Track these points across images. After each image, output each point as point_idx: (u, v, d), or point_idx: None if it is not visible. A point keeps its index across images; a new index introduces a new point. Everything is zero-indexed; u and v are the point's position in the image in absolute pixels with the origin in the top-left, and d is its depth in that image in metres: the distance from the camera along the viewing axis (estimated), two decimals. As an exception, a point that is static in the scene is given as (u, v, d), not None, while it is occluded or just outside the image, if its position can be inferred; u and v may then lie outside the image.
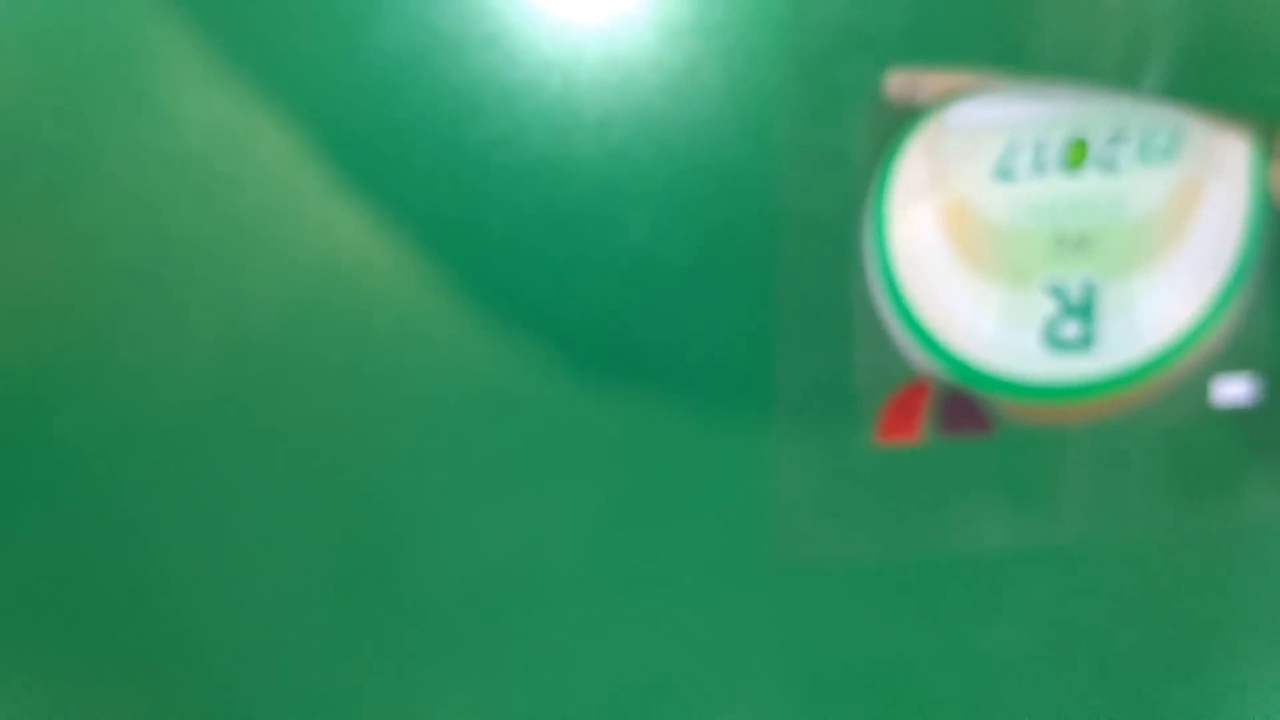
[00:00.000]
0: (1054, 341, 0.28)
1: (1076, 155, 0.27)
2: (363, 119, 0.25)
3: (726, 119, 0.25)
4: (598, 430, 0.27)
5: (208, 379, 0.26)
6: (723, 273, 0.27)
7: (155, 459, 0.27)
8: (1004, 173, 0.27)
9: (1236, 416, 0.28)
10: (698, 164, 0.26)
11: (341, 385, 0.26)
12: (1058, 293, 0.27)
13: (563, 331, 0.27)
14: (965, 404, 0.28)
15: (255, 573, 0.27)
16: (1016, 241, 0.27)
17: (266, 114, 0.25)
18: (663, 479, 0.28)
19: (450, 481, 0.27)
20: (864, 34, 0.25)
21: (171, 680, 0.28)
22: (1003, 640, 0.29)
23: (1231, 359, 0.28)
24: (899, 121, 0.26)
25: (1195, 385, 0.28)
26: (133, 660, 0.28)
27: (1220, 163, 0.27)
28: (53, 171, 0.26)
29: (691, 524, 0.28)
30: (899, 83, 0.26)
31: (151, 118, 0.25)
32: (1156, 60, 0.25)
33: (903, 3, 0.25)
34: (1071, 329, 0.28)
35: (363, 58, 0.24)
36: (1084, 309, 0.28)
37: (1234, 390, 0.28)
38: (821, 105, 0.26)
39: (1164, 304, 0.28)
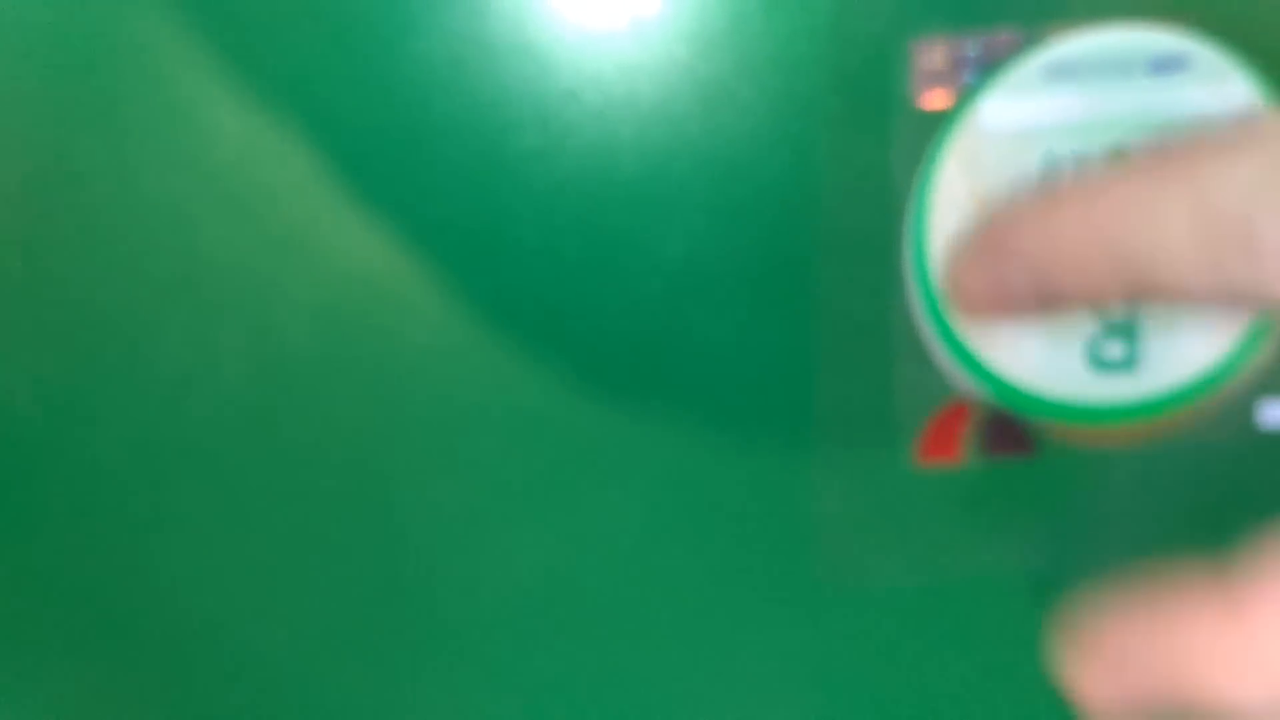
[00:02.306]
0: (1097, 362, 0.27)
1: (1118, 172, 0.26)
2: (396, 131, 0.25)
3: (764, 132, 0.25)
4: (634, 449, 0.27)
5: (239, 390, 0.26)
6: (761, 289, 0.27)
7: (186, 469, 0.27)
8: (1045, 185, 0.26)
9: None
10: (735, 178, 0.26)
11: (374, 398, 0.26)
12: (1101, 313, 0.27)
13: (597, 347, 0.26)
14: (1007, 425, 0.27)
15: (284, 587, 0.27)
16: (1058, 260, 0.27)
17: (299, 127, 0.25)
18: (701, 498, 0.27)
19: (484, 499, 0.27)
20: (906, 45, 0.25)
21: (198, 691, 0.28)
22: (1046, 663, 0.28)
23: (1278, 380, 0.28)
24: (932, 128, 0.26)
25: (1242, 408, 0.28)
26: (156, 670, 0.28)
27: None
28: (85, 185, 0.26)
29: (730, 545, 0.28)
30: (934, 57, 0.25)
31: (184, 131, 0.25)
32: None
33: (947, 13, 0.25)
34: (1115, 349, 0.27)
35: (396, 69, 0.24)
36: (1127, 329, 0.27)
37: (1282, 411, 0.28)
38: (861, 118, 0.26)
39: (1209, 324, 0.27)
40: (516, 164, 0.25)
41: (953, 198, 0.27)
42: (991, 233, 0.23)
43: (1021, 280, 0.22)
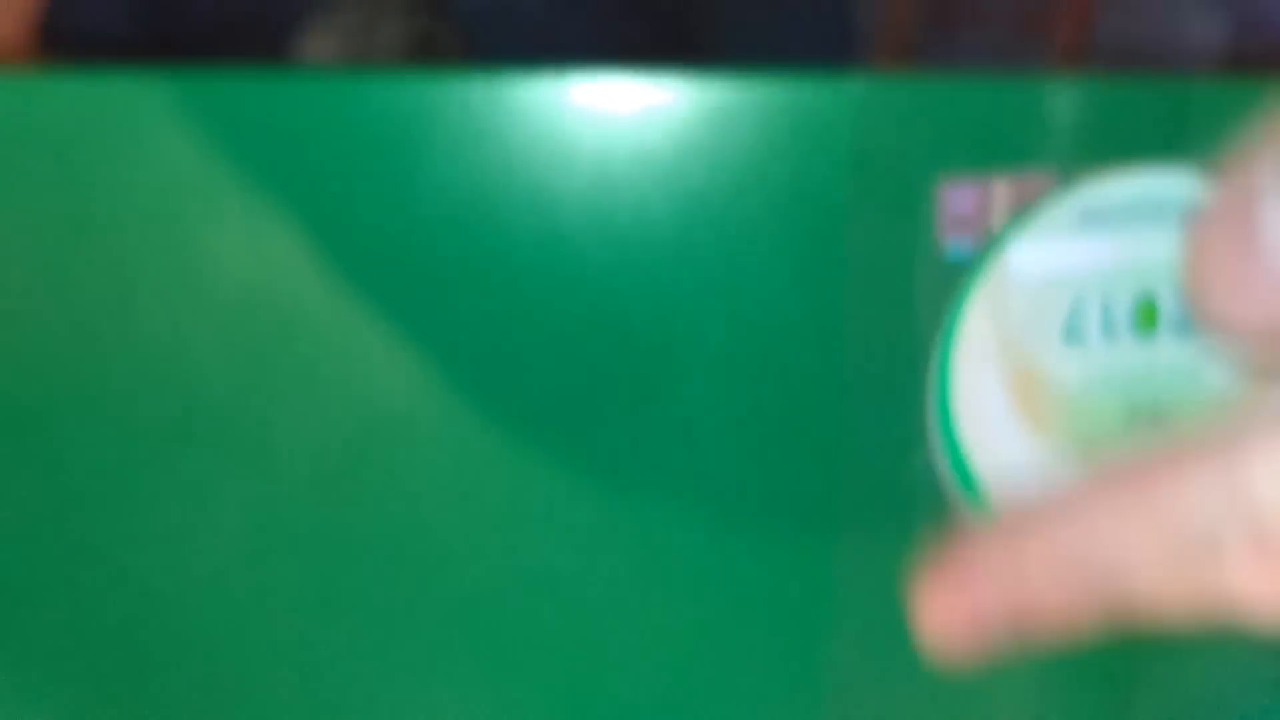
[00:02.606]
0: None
1: (1147, 317, 0.25)
2: (405, 268, 0.23)
3: (788, 273, 0.24)
4: (642, 569, 0.25)
5: (239, 534, 0.24)
6: (783, 434, 0.25)
7: (188, 617, 0.25)
8: (1073, 335, 0.25)
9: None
10: (758, 321, 0.24)
11: (378, 542, 0.25)
12: (1131, 466, 0.26)
13: (620, 488, 0.25)
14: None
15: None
16: (1088, 412, 0.25)
17: (305, 263, 0.23)
18: (711, 628, 0.26)
19: (498, 630, 0.25)
20: (933, 187, 0.24)
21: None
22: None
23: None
24: (959, 272, 0.24)
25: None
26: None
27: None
28: (88, 318, 0.24)
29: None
30: (962, 199, 0.24)
31: (189, 267, 0.23)
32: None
33: (976, 153, 0.24)
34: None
35: (404, 207, 0.23)
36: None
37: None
38: (887, 261, 0.24)
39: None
40: (529, 305, 0.23)
41: (979, 346, 0.25)
42: (958, 560, 0.21)
43: (989, 617, 0.21)
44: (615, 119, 0.24)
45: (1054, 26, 0.27)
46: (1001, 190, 0.24)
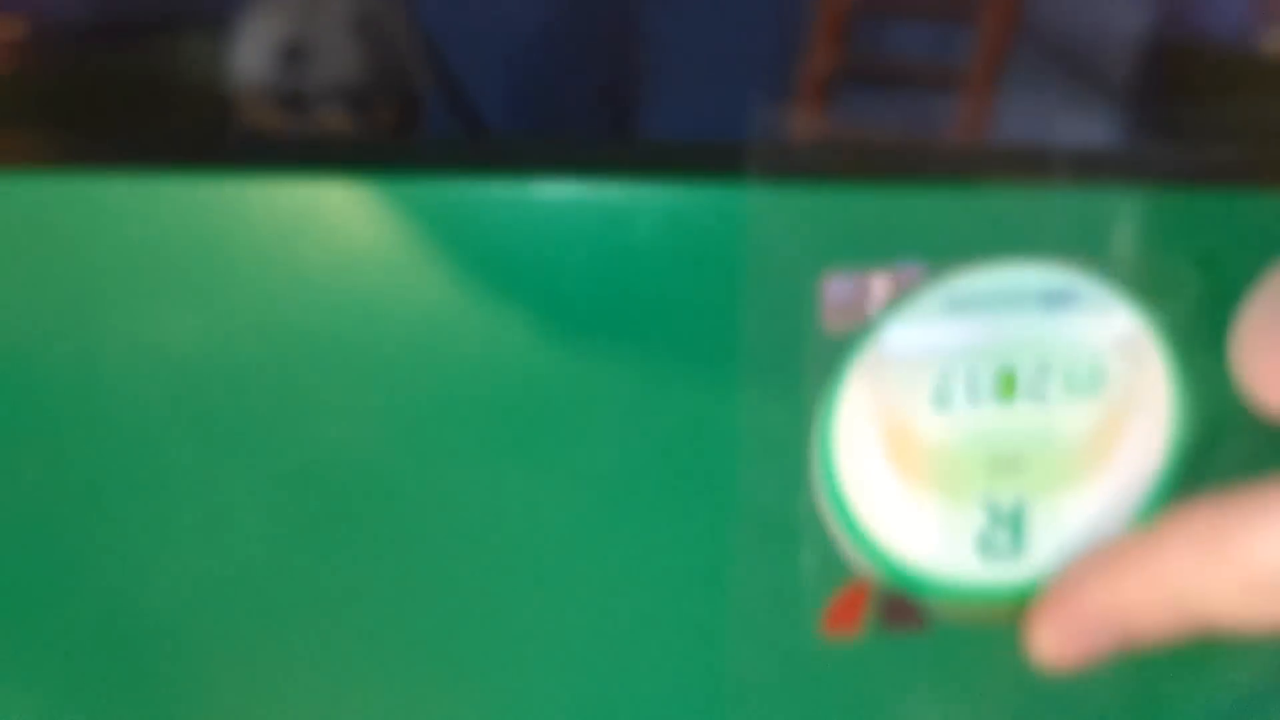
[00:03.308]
0: (985, 549, 0.30)
1: (1007, 387, 0.29)
2: (359, 334, 0.27)
3: (689, 352, 0.28)
4: (575, 653, 0.30)
5: (190, 589, 0.29)
6: (689, 491, 0.29)
7: (140, 666, 0.30)
8: (941, 402, 0.29)
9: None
10: (662, 396, 0.28)
11: (326, 601, 0.29)
12: (990, 507, 0.30)
13: (521, 546, 0.29)
14: (903, 603, 0.30)
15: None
16: (953, 462, 0.29)
17: (261, 329, 0.28)
18: (632, 665, 0.30)
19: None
20: (817, 278, 0.28)
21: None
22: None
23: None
24: (840, 350, 0.28)
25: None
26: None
27: (1142, 396, 0.29)
28: (53, 384, 0.28)
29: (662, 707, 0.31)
30: (842, 290, 0.28)
31: (148, 333, 0.28)
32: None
33: (857, 249, 0.28)
34: (1002, 538, 0.30)
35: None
36: (1014, 521, 0.30)
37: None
38: (777, 342, 0.28)
39: (1089, 520, 0.30)
40: (460, 367, 0.27)
41: (857, 409, 0.29)
42: (1064, 594, 0.27)
43: (1100, 639, 0.26)
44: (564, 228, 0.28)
45: (981, 17, 0.31)
46: (877, 282, 0.28)
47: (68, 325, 0.28)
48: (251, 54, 0.39)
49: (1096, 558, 0.27)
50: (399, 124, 0.42)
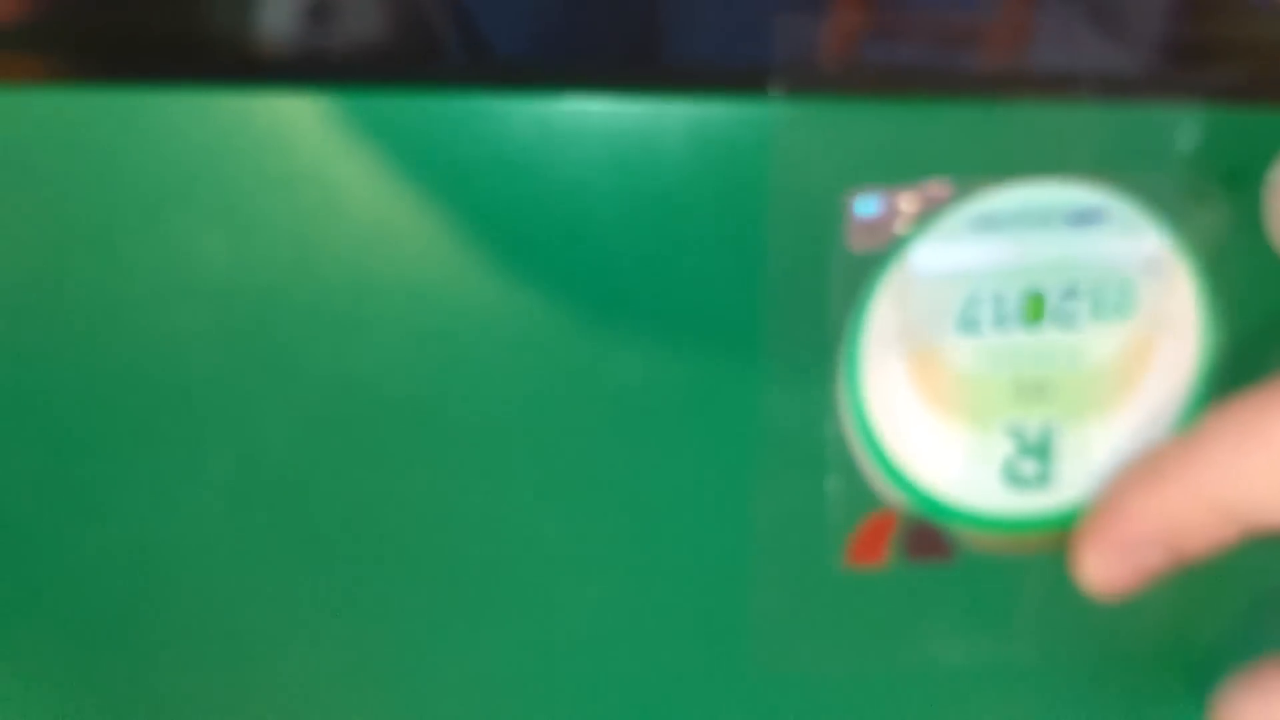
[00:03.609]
0: (1012, 478, 0.30)
1: (1034, 310, 0.29)
2: (375, 257, 0.27)
3: (716, 269, 0.28)
4: (589, 556, 0.30)
5: (223, 504, 0.29)
6: (709, 411, 0.29)
7: (172, 579, 0.30)
8: (967, 325, 0.29)
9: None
10: (689, 309, 0.28)
11: (352, 510, 0.29)
12: (1017, 435, 0.30)
13: (548, 462, 0.29)
14: (929, 533, 0.30)
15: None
16: (980, 388, 0.29)
17: (288, 253, 0.28)
18: (652, 583, 0.30)
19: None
20: (843, 196, 0.28)
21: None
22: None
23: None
24: (867, 270, 0.28)
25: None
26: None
27: (1171, 319, 0.29)
28: (82, 303, 0.28)
29: (676, 634, 0.31)
30: (868, 207, 0.28)
31: (177, 257, 0.28)
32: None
33: (884, 167, 0.28)
34: (1029, 467, 0.30)
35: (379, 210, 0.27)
36: (1041, 450, 0.30)
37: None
38: (803, 260, 0.28)
39: (1116, 447, 0.30)
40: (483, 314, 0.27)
41: (883, 332, 0.29)
42: (1106, 514, 0.27)
43: (1148, 557, 0.26)
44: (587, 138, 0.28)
45: (988, 48, 0.31)
46: (904, 199, 0.28)
47: (92, 242, 0.28)
48: (277, 11, 0.39)
49: (1135, 471, 0.26)
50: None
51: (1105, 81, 0.28)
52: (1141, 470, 0.26)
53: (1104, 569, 0.26)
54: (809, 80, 0.27)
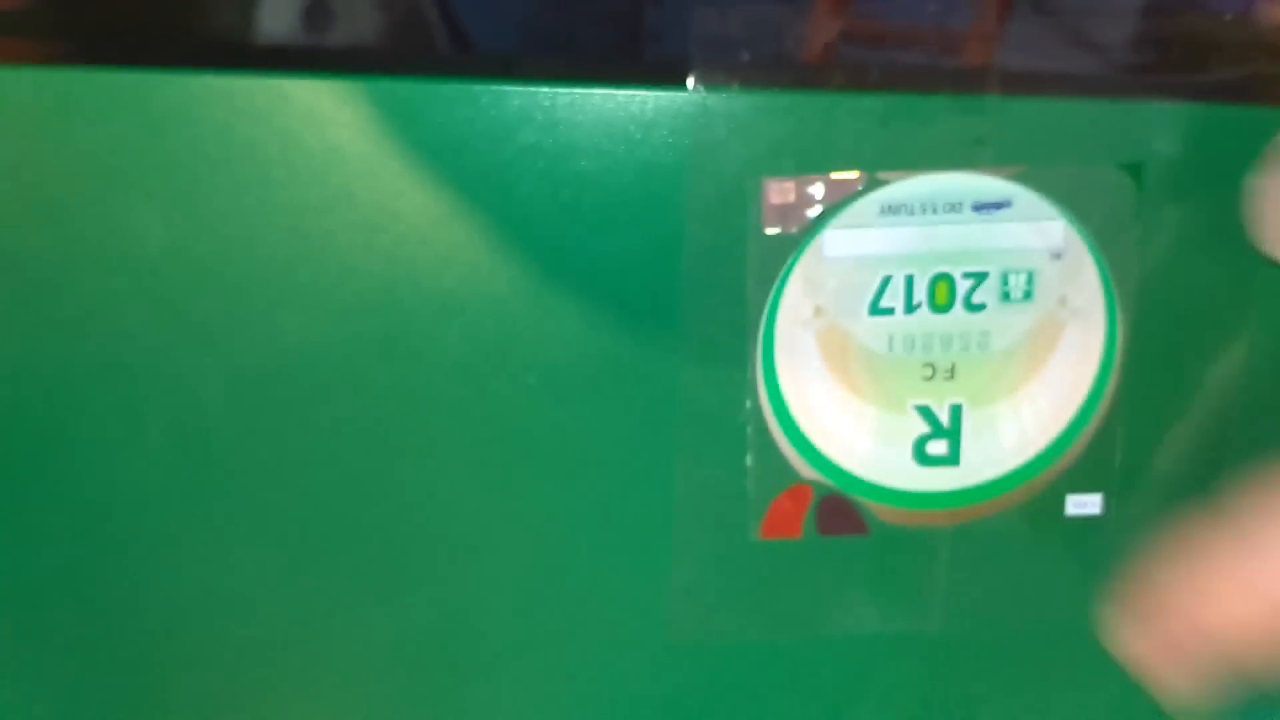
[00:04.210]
0: (923, 457, 0.31)
1: (943, 295, 0.30)
2: (309, 234, 0.29)
3: (638, 251, 0.29)
4: (518, 531, 0.31)
5: (161, 472, 0.30)
6: (632, 389, 0.30)
7: (115, 541, 0.31)
8: (878, 308, 0.30)
9: (1085, 526, 0.32)
10: (612, 289, 0.29)
11: (284, 474, 0.30)
12: (928, 415, 0.31)
13: (479, 440, 0.30)
14: (842, 508, 0.31)
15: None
16: (891, 370, 0.30)
17: (225, 228, 0.29)
18: (577, 557, 0.31)
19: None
20: (759, 183, 0.29)
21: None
22: (870, 717, 0.33)
23: (1082, 476, 0.31)
24: (781, 251, 0.29)
25: (1049, 497, 0.32)
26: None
27: (1076, 305, 0.30)
28: (26, 273, 0.29)
29: (597, 605, 0.32)
30: (782, 193, 0.29)
31: (117, 229, 0.29)
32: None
33: (797, 152, 0.29)
34: (939, 447, 0.31)
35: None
36: (951, 431, 0.31)
37: (1083, 504, 0.31)
38: (721, 244, 0.29)
39: (1023, 428, 0.31)
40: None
41: (796, 313, 0.30)
42: (1154, 610, 0.24)
43: (1201, 660, 0.23)
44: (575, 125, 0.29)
45: (964, 51, 0.32)
46: (816, 187, 0.29)
47: (34, 216, 0.29)
48: (273, 12, 0.40)
49: (1184, 566, 0.24)
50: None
51: (1015, 76, 0.29)
52: (1190, 565, 0.24)
53: (1158, 663, 0.24)
54: (726, 73, 0.28)
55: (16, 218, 0.29)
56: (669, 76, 0.29)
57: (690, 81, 0.28)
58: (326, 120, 0.28)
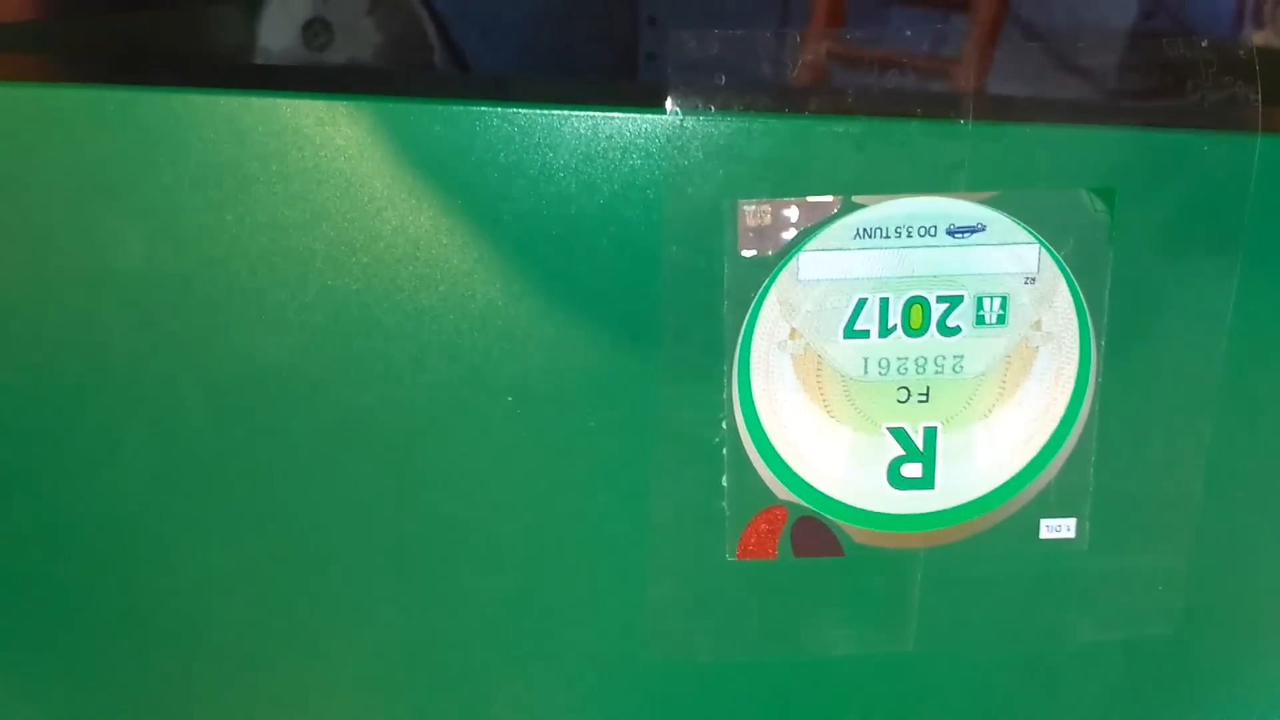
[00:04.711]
0: (897, 479, 0.31)
1: (917, 318, 0.30)
2: (286, 243, 0.29)
3: (619, 272, 0.29)
4: (482, 546, 0.31)
5: (142, 481, 0.30)
6: (609, 409, 0.30)
7: (93, 552, 0.31)
8: (853, 331, 0.30)
9: (1058, 549, 0.32)
10: (591, 306, 0.29)
11: (268, 484, 0.30)
12: (902, 438, 0.31)
13: (463, 450, 0.30)
14: (817, 528, 0.31)
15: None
16: (865, 392, 0.31)
17: (202, 244, 0.29)
18: (555, 574, 0.31)
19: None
20: (734, 205, 0.29)
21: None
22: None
23: (1056, 500, 0.32)
24: (757, 273, 0.29)
25: (1024, 520, 0.32)
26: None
27: (1050, 328, 0.30)
28: (7, 291, 0.30)
29: (575, 623, 0.32)
30: (757, 216, 0.29)
31: (96, 246, 0.29)
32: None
33: (773, 175, 0.29)
34: (913, 469, 0.31)
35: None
36: (925, 453, 0.31)
37: (1057, 527, 0.32)
38: (694, 264, 0.29)
39: (997, 451, 0.31)
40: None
41: (772, 334, 0.30)
42: None
43: None
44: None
45: (954, 75, 0.32)
46: (792, 210, 0.29)
47: (17, 229, 0.29)
48: (274, 27, 0.40)
49: None
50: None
51: (992, 101, 0.29)
52: None
53: None
54: (703, 96, 0.29)
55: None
56: (655, 99, 0.29)
57: (668, 104, 0.28)
58: (309, 139, 0.28)
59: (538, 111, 0.29)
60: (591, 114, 0.29)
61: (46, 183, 0.29)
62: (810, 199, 0.29)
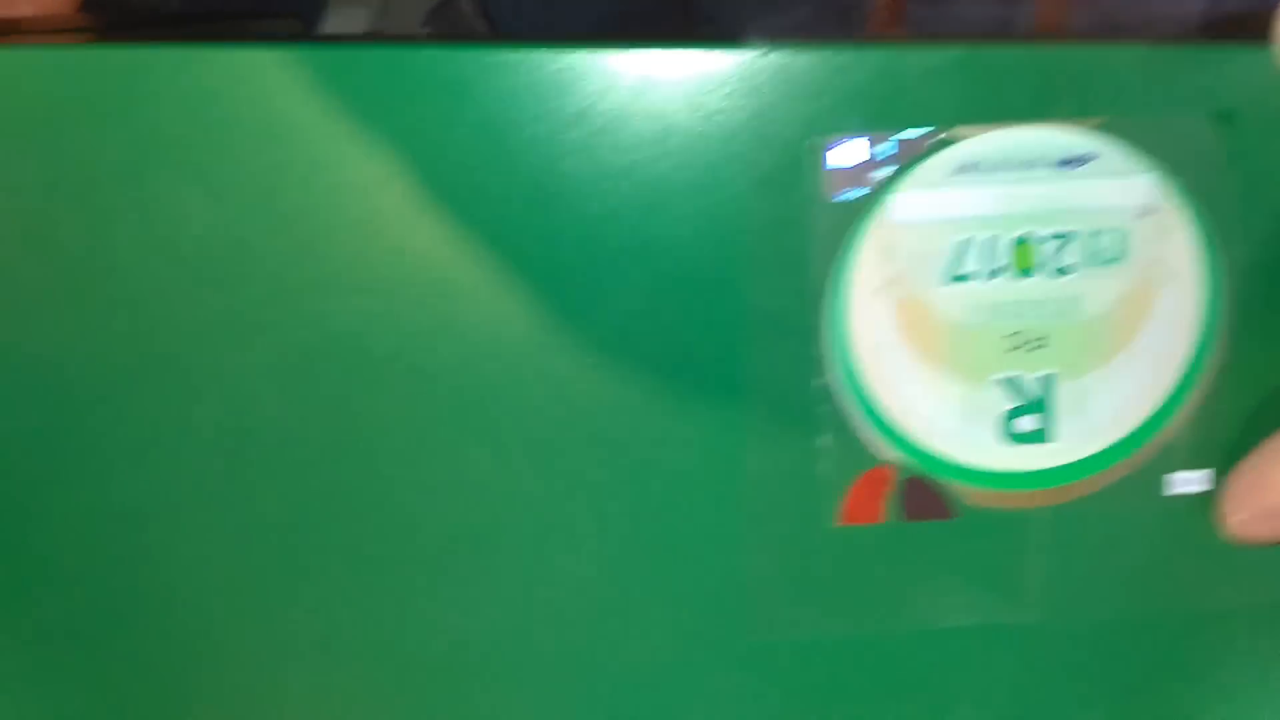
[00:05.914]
0: (1011, 434, 0.29)
1: (1025, 258, 0.28)
2: (360, 212, 0.28)
3: (697, 224, 0.27)
4: (568, 517, 0.30)
5: (209, 455, 0.29)
6: (695, 365, 0.29)
7: (157, 536, 0.30)
8: (956, 274, 0.28)
9: (1190, 505, 0.29)
10: (672, 264, 0.28)
11: (336, 467, 0.29)
12: (1014, 388, 0.29)
13: (529, 425, 0.29)
14: (926, 490, 0.29)
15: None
16: (973, 339, 0.28)
17: (266, 211, 0.28)
18: (645, 557, 0.30)
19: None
20: (821, 145, 0.27)
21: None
22: (965, 716, 0.30)
23: (1185, 451, 0.29)
24: (847, 219, 0.28)
25: (1150, 475, 0.29)
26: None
27: (1168, 265, 0.28)
28: (68, 262, 0.29)
29: (671, 604, 0.30)
30: (845, 156, 0.27)
31: (159, 215, 0.28)
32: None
33: (862, 111, 0.27)
34: (1028, 423, 0.29)
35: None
36: (1040, 404, 0.29)
37: (1187, 481, 0.29)
38: (782, 212, 0.28)
39: (1118, 400, 0.29)
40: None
41: (868, 282, 0.28)
42: (1249, 483, 0.28)
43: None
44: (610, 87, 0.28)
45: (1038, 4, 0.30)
46: (880, 146, 0.28)
47: (75, 198, 0.28)
48: None
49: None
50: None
51: (1093, 24, 0.27)
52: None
53: (1246, 529, 0.28)
54: (787, 30, 0.27)
55: (50, 198, 0.28)
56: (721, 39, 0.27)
57: (745, 39, 0.27)
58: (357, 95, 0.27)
59: (597, 53, 0.27)
60: (660, 51, 0.27)
61: (98, 148, 0.28)
62: (901, 135, 0.27)
